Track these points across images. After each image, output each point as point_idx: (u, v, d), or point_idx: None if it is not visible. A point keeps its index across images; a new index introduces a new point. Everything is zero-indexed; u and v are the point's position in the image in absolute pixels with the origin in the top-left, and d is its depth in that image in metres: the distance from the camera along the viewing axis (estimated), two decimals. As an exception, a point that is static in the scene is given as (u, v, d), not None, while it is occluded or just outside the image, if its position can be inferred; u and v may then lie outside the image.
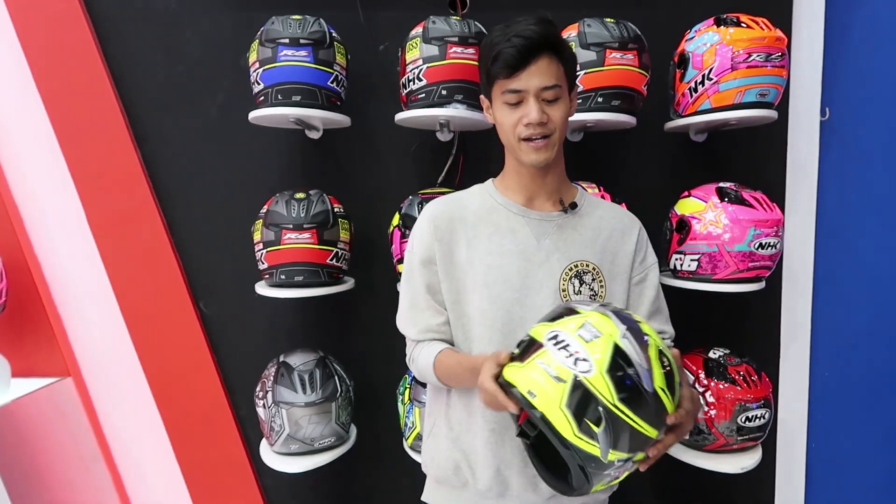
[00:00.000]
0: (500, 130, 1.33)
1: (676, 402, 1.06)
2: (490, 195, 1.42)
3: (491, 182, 1.45)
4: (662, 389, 1.02)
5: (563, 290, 1.33)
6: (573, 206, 1.40)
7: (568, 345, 1.02)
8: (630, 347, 1.02)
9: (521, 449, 1.29)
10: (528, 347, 1.07)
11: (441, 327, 1.40)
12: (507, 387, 1.06)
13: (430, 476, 1.51)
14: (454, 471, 1.41)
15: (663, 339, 1.28)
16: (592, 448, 0.98)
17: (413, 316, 1.41)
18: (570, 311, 1.09)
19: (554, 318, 1.10)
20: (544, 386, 1.00)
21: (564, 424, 0.97)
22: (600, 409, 0.97)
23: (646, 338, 1.05)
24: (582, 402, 0.97)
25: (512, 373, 1.06)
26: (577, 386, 0.98)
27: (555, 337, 1.04)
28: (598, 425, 0.97)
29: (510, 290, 1.33)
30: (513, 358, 1.10)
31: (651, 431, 1.01)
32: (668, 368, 1.05)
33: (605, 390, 0.97)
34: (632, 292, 1.42)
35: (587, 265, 1.36)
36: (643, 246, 1.45)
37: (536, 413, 0.99)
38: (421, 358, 1.39)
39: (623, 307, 1.29)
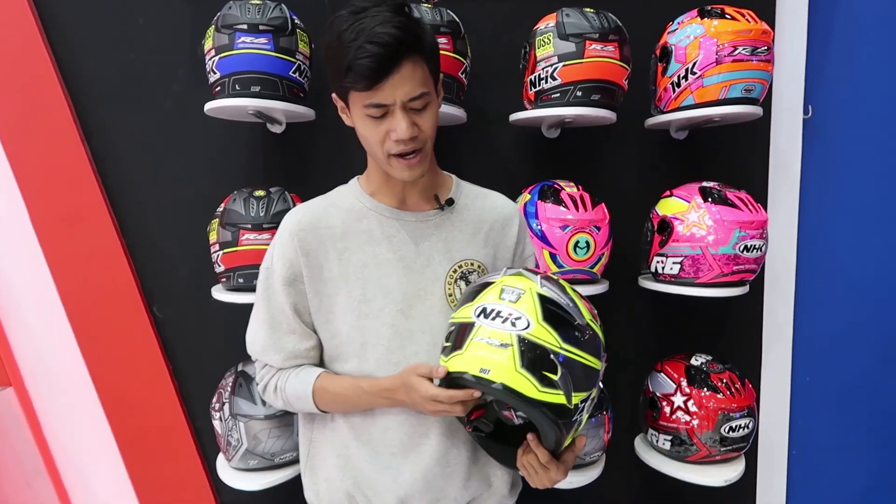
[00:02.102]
0: (362, 141, 1.19)
1: (603, 333, 1.11)
2: (358, 199, 1.29)
3: (357, 182, 1.33)
4: (591, 321, 1.08)
5: (451, 295, 1.23)
6: (450, 202, 1.29)
7: (499, 312, 1.03)
8: (552, 292, 1.06)
9: (421, 468, 1.25)
10: (460, 333, 1.07)
11: (310, 352, 1.28)
12: (457, 378, 1.04)
13: None
14: (348, 501, 1.29)
15: None
16: (557, 397, 0.99)
17: (276, 340, 1.27)
18: (485, 285, 1.11)
19: (471, 297, 1.11)
20: (493, 358, 1.00)
21: (526, 385, 0.98)
22: (552, 356, 1.00)
23: (559, 281, 1.11)
24: (534, 357, 0.99)
25: (455, 363, 1.05)
26: (524, 344, 0.99)
27: (483, 311, 1.05)
28: (555, 373, 0.99)
29: (392, 302, 1.22)
30: (446, 350, 1.09)
31: (596, 363, 1.06)
32: (587, 304, 1.11)
33: (549, 338, 1.01)
34: None
35: (472, 264, 1.26)
36: (523, 237, 1.36)
37: (497, 386, 0.99)
38: (291, 387, 1.26)
39: None
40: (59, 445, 2.17)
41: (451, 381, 1.06)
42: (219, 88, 1.73)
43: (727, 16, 1.71)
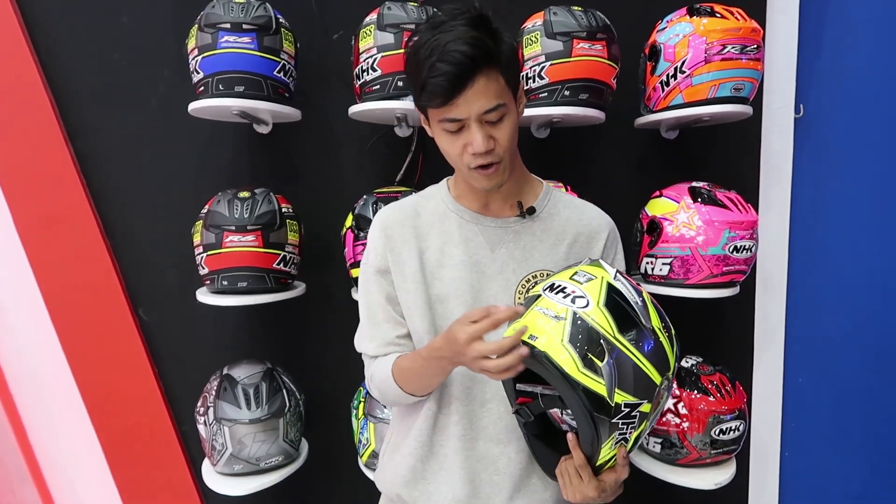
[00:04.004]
0: (443, 153, 1.18)
1: (676, 357, 1.06)
2: (443, 200, 1.29)
3: (446, 183, 1.33)
4: (660, 329, 1.04)
5: (519, 304, 1.21)
6: (531, 210, 1.27)
7: (564, 288, 1.04)
8: (623, 287, 1.05)
9: (469, 473, 1.24)
10: (527, 306, 1.07)
11: (402, 340, 1.27)
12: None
13: (384, 496, 1.39)
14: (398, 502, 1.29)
15: None
16: (598, 385, 0.97)
17: (371, 330, 1.29)
18: (565, 269, 1.12)
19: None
20: (545, 327, 1.00)
21: (568, 361, 0.97)
22: (602, 341, 0.98)
23: (638, 285, 1.09)
24: (583, 335, 0.98)
25: (511, 330, 1.05)
26: (577, 320, 0.99)
27: (550, 286, 1.06)
28: (601, 359, 0.97)
29: (461, 305, 1.21)
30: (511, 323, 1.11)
31: (654, 374, 1.01)
32: (662, 316, 1.07)
33: (604, 322, 0.99)
34: None
35: (546, 275, 1.23)
36: (611, 252, 1.31)
37: (540, 353, 0.99)
38: (379, 371, 1.26)
39: None
40: (43, 451, 2.14)
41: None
42: (202, 88, 1.72)
43: (716, 14, 1.69)
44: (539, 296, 1.06)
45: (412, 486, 1.27)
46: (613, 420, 0.99)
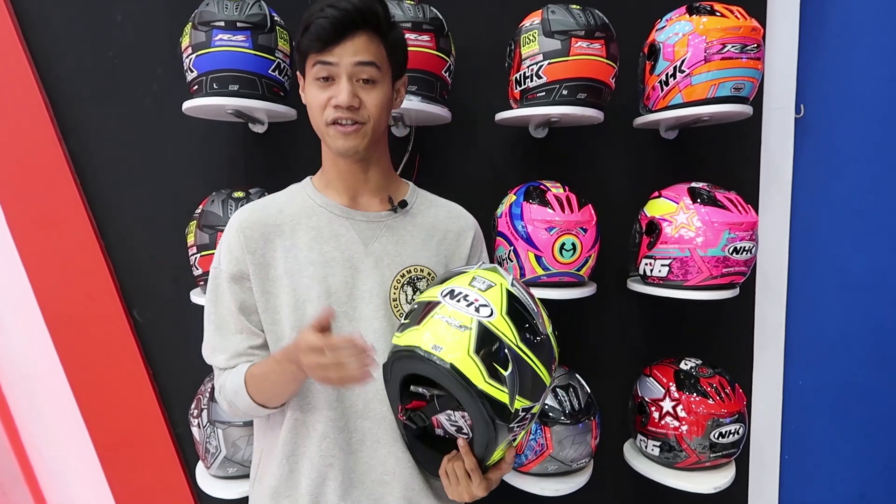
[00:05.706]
0: (310, 113, 1.21)
1: (557, 354, 1.10)
2: (309, 196, 1.27)
3: (309, 180, 1.32)
4: (552, 333, 1.08)
5: (395, 300, 1.22)
6: (403, 204, 1.27)
7: (466, 295, 1.04)
8: (520, 293, 1.07)
9: (359, 475, 1.23)
10: (422, 310, 1.07)
11: (255, 350, 1.23)
12: (406, 352, 1.04)
13: None
14: None
15: None
16: (501, 394, 0.98)
17: (221, 341, 1.23)
18: (457, 273, 1.13)
19: (441, 282, 1.12)
20: (449, 337, 1.00)
21: (475, 371, 0.98)
22: (506, 351, 0.99)
23: (529, 289, 1.12)
24: (489, 345, 0.99)
25: (409, 336, 1.05)
26: (482, 330, 0.99)
27: (450, 292, 1.06)
28: (505, 368, 0.99)
29: (336, 303, 1.20)
30: (402, 328, 1.09)
31: (546, 376, 1.04)
32: (548, 317, 1.11)
33: (508, 332, 1.00)
34: None
35: (421, 270, 1.25)
36: (478, 250, 1.35)
37: (445, 365, 0.98)
38: (230, 381, 1.21)
39: None
40: (37, 453, 2.12)
41: (399, 357, 1.07)
42: (196, 87, 1.70)
43: (716, 12, 1.68)
44: (438, 302, 1.05)
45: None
46: (511, 425, 1.02)
